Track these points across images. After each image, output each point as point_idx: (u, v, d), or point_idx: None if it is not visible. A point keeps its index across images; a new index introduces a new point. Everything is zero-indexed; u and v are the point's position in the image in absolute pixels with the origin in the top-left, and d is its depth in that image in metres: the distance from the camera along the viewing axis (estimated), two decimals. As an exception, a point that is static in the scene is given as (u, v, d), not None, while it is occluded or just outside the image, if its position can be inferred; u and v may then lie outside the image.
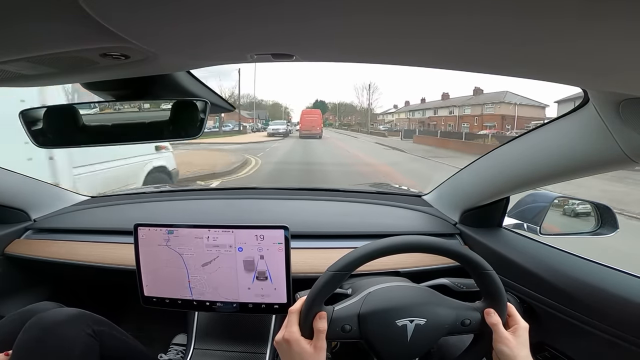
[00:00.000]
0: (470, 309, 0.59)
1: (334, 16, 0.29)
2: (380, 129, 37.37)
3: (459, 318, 0.58)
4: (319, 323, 0.53)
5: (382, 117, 47.46)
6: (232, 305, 0.87)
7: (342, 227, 1.07)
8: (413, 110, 38.79)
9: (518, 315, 0.59)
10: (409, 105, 43.15)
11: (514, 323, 0.58)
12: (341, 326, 0.55)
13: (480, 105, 27.81)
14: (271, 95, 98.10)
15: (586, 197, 0.94)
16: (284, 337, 0.54)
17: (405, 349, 0.56)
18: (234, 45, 0.39)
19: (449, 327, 0.57)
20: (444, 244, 0.57)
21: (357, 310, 0.56)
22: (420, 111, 36.76)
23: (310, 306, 0.54)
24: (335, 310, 0.56)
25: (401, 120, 41.04)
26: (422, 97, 40.13)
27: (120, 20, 0.31)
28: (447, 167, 8.45)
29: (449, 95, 34.03)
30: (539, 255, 0.82)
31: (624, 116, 0.49)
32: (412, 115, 38.39)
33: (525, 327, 0.57)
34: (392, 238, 0.56)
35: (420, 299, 0.59)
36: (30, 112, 0.61)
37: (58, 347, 0.71)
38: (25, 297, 1.10)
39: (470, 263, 0.57)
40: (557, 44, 0.30)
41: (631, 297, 0.62)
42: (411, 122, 36.42)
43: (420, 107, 38.03)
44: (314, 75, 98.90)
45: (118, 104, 0.63)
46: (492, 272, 0.57)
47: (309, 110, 28.15)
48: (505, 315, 0.58)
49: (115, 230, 1.09)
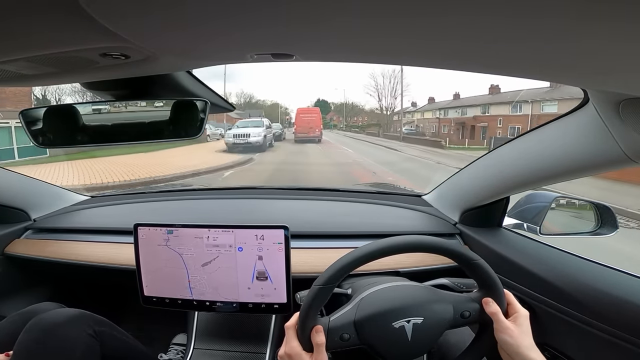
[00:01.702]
0: (468, 300, 0.58)
1: (333, 16, 0.29)
2: (403, 130, 27.90)
3: (458, 311, 0.57)
4: (317, 337, 0.53)
5: (397, 117, 35.54)
6: (232, 305, 0.87)
7: (342, 227, 1.07)
8: (446, 109, 28.03)
9: (517, 303, 0.58)
10: (433, 103, 31.79)
11: (514, 311, 0.57)
12: (339, 335, 0.55)
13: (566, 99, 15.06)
14: (270, 95, 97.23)
15: (586, 197, 0.94)
16: (286, 352, 0.55)
17: (408, 348, 0.56)
18: (233, 45, 0.39)
19: (448, 321, 0.57)
20: (429, 241, 0.57)
21: (352, 318, 0.56)
22: (458, 109, 26.23)
23: (304, 321, 0.54)
24: (331, 320, 0.56)
25: (425, 120, 31.14)
26: (455, 92, 29.18)
27: (120, 20, 0.31)
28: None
29: (499, 89, 23.29)
30: (539, 255, 0.82)
31: (624, 116, 0.49)
32: (445, 114, 28.03)
33: (526, 314, 0.57)
34: (367, 245, 0.56)
35: (415, 299, 0.58)
36: (30, 112, 0.61)
37: (59, 347, 0.71)
38: (25, 297, 1.10)
39: (458, 256, 0.57)
40: (558, 45, 0.30)
41: (631, 297, 0.62)
42: (442, 123, 27.74)
43: (457, 104, 26.93)
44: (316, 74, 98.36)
45: (118, 104, 0.63)
46: (481, 261, 0.57)
47: (305, 109, 21.97)
48: (504, 303, 0.57)
49: (116, 230, 1.09)
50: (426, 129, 29.60)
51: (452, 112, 27.08)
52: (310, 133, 18.74)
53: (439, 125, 27.93)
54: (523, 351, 0.53)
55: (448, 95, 34.00)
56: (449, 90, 63.53)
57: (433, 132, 26.35)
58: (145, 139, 0.67)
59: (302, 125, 19.31)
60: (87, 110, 0.63)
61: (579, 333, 0.68)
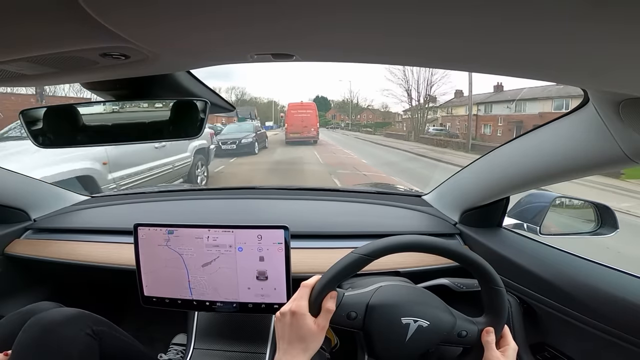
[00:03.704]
0: (470, 322, 0.58)
1: (334, 15, 0.29)
2: (429, 131, 22.73)
3: (458, 328, 0.57)
4: (329, 302, 0.53)
5: (432, 114, 27.94)
6: (232, 305, 0.87)
7: (342, 227, 1.07)
8: (490, 103, 20.82)
9: (510, 336, 0.58)
10: (462, 97, 23.54)
11: (505, 344, 0.57)
12: (347, 313, 0.55)
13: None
14: (266, 92, 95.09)
15: (586, 197, 0.94)
16: (291, 309, 0.53)
17: (401, 349, 0.56)
18: (233, 45, 0.39)
19: (446, 334, 0.57)
20: (467, 253, 0.57)
21: (367, 300, 0.56)
22: (509, 104, 19.10)
23: (326, 284, 0.54)
24: (346, 295, 0.56)
25: (455, 118, 23.48)
26: (497, 83, 21.19)
27: (120, 20, 0.31)
28: None
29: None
30: (539, 255, 0.82)
31: (624, 116, 0.49)
32: (487, 110, 21.02)
33: (515, 348, 0.57)
34: (419, 237, 0.56)
35: (428, 301, 0.58)
36: (30, 112, 0.61)
37: (57, 347, 0.71)
38: (25, 297, 1.10)
39: (484, 275, 0.56)
40: (558, 45, 0.30)
41: (631, 297, 0.62)
42: (481, 122, 21.00)
43: (505, 98, 19.83)
44: (315, 70, 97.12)
45: (118, 104, 0.63)
46: (504, 290, 0.56)
47: (298, 104, 17.37)
48: (499, 334, 0.58)
49: (115, 230, 1.09)
50: (454, 128, 23.05)
51: (498, 107, 20.35)
52: (304, 133, 15.58)
53: (477, 124, 20.86)
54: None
55: (480, 87, 25.22)
56: (482, 82, 51.72)
57: (465, 132, 19.32)
58: (145, 139, 0.67)
59: (295, 124, 15.74)
60: (87, 110, 0.63)
61: (578, 333, 0.68)
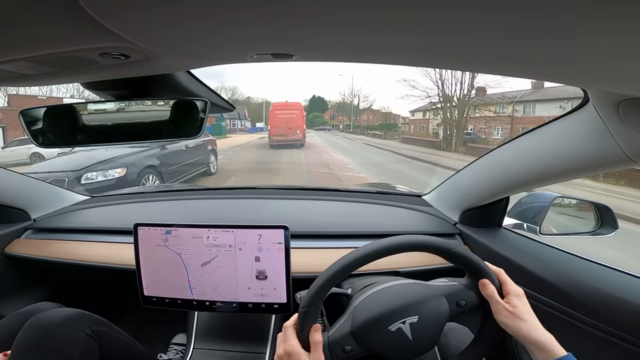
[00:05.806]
0: (460, 289, 0.58)
1: (334, 15, 0.29)
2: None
3: (453, 301, 0.56)
4: (315, 335, 0.53)
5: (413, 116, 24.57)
6: (232, 305, 0.87)
7: (342, 227, 1.07)
8: (531, 102, 16.43)
9: (510, 282, 0.56)
10: (486, 95, 16.80)
11: (507, 292, 0.55)
12: (341, 348, 0.55)
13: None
14: (260, 92, 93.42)
15: (586, 198, 0.94)
16: (285, 351, 0.54)
17: (412, 347, 0.55)
18: (233, 45, 0.39)
19: (445, 314, 0.56)
20: (401, 240, 0.55)
21: (349, 329, 0.56)
22: (556, 103, 14.22)
23: (303, 321, 0.54)
24: (330, 335, 0.56)
25: (480, 119, 16.22)
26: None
27: (120, 20, 0.31)
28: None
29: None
30: (538, 255, 0.82)
31: (624, 116, 0.49)
32: (528, 110, 16.64)
33: (519, 293, 0.55)
34: (344, 257, 0.55)
35: (407, 298, 0.57)
36: (30, 112, 0.61)
37: (57, 347, 0.71)
38: (25, 297, 1.10)
39: (435, 248, 0.56)
40: (558, 45, 0.30)
41: (631, 297, 0.62)
42: (518, 124, 16.06)
43: (547, 97, 15.55)
44: (312, 70, 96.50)
45: (118, 103, 0.63)
46: (457, 248, 0.56)
47: (282, 104, 15.69)
48: (496, 282, 0.56)
49: (115, 230, 1.09)
50: (478, 131, 17.54)
51: (543, 107, 15.74)
52: (289, 135, 14.10)
53: (512, 127, 16.46)
54: (525, 334, 0.51)
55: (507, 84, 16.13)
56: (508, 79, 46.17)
57: (494, 137, 15.81)
58: (145, 138, 0.67)
59: (279, 125, 14.19)
60: (87, 110, 0.63)
61: (578, 333, 0.68)
